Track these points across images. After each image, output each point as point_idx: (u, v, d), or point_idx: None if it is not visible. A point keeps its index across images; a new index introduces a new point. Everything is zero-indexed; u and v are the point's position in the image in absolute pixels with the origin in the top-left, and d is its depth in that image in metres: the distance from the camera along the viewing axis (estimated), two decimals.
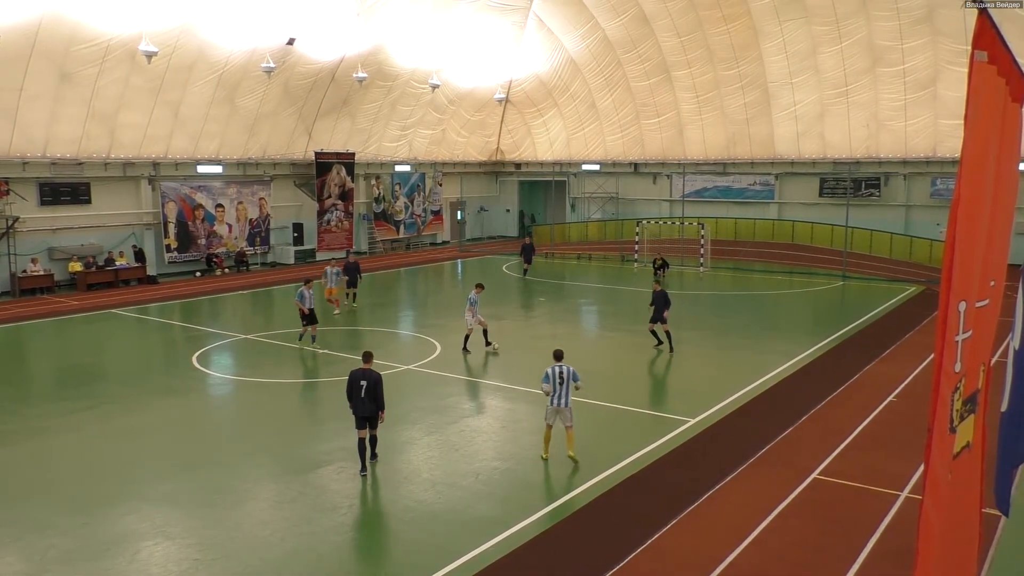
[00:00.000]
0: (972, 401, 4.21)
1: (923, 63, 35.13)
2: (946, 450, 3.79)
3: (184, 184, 34.85)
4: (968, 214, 3.62)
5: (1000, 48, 3.76)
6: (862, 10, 35.07)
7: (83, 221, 31.78)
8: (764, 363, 19.04)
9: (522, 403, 16.02)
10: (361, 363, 12.57)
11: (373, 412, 12.22)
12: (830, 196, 40.17)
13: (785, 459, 12.72)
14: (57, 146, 30.19)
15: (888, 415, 15.13)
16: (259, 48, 32.19)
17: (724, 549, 9.61)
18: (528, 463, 12.79)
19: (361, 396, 12.12)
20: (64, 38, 27.17)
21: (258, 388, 17.49)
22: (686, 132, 43.80)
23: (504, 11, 40.40)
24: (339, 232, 41.18)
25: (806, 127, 39.97)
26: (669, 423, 14.64)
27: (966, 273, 3.72)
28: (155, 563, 9.51)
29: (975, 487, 4.64)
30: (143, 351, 21.79)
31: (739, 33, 38.52)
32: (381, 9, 35.02)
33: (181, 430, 14.59)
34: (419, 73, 39.98)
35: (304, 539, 10.08)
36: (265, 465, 12.96)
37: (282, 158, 38.73)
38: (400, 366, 19.08)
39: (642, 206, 46.10)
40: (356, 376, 12.24)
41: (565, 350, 13.22)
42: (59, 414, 15.55)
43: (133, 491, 11.71)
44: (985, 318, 4.22)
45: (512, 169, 51.78)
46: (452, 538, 10.05)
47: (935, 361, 3.60)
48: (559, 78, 45.18)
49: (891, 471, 12.11)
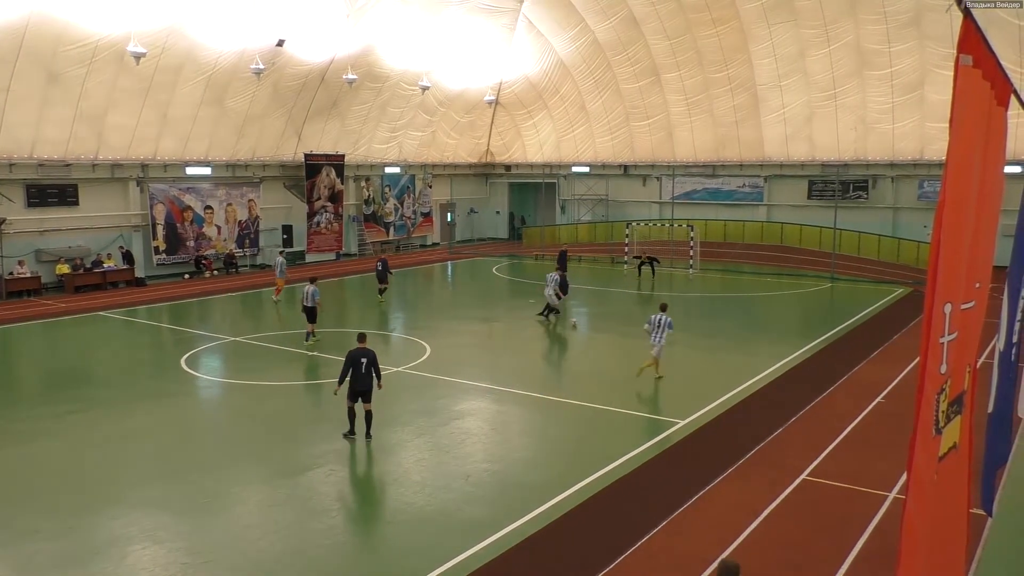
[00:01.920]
0: (958, 403, 4.23)
1: (910, 66, 35.37)
2: (932, 452, 3.81)
3: (173, 186, 34.70)
4: (953, 216, 3.64)
5: (985, 52, 3.79)
6: (850, 14, 35.28)
7: (71, 223, 31.59)
8: (753, 365, 19.12)
9: (512, 405, 16.02)
10: (357, 343, 13.89)
11: (371, 385, 13.70)
12: (818, 198, 40.39)
13: (774, 460, 12.77)
14: (44, 147, 30.00)
15: (876, 417, 15.21)
16: (248, 49, 32.10)
17: (714, 550, 9.64)
18: (518, 465, 12.80)
19: (362, 372, 13.61)
20: (52, 39, 27.01)
21: (247, 391, 17.42)
22: (676, 134, 43.94)
23: (494, 13, 40.44)
24: (329, 234, 41.09)
25: (795, 130, 40.17)
26: (659, 424, 14.67)
27: (951, 275, 3.75)
28: (143, 568, 9.45)
29: (962, 488, 4.67)
30: (131, 354, 21.67)
31: (728, 36, 38.68)
32: (371, 11, 34.98)
33: (169, 433, 14.51)
34: (409, 75, 39.95)
35: (293, 542, 10.04)
36: (254, 468, 12.91)
37: (271, 160, 38.62)
38: (390, 368, 19.05)
39: (632, 208, 46.21)
40: (356, 355, 13.67)
41: (555, 351, 13.25)
42: (46, 418, 15.44)
43: (121, 495, 11.64)
44: (971, 320, 4.25)
45: (502, 171, 51.80)
46: (442, 540, 10.04)
47: (920, 363, 3.63)
48: (549, 80, 45.25)
49: (879, 472, 12.17)
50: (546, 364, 20.01)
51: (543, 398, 16.48)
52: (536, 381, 17.75)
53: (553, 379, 18.19)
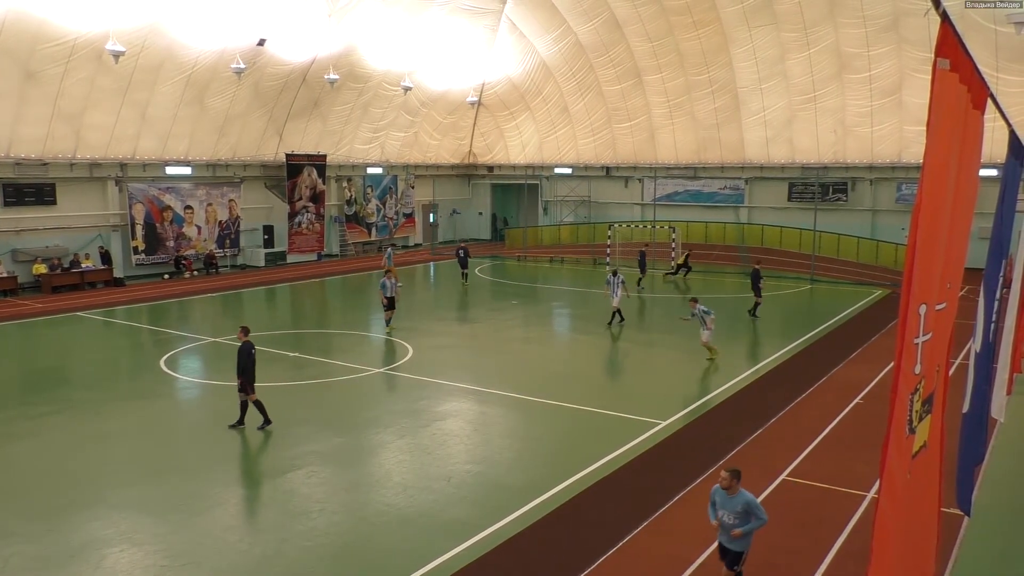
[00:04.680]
0: (929, 402, 4.29)
1: (889, 70, 35.76)
2: (905, 450, 3.86)
3: (152, 185, 34.40)
4: (929, 219, 3.69)
5: (962, 56, 3.84)
6: (829, 18, 35.61)
7: (48, 223, 31.23)
8: (733, 366, 19.25)
9: (494, 406, 16.01)
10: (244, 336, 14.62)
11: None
12: (799, 200, 40.74)
13: (754, 460, 12.84)
14: (21, 146, 29.64)
15: (855, 417, 15.36)
16: (229, 49, 31.88)
17: (694, 551, 9.69)
18: (500, 466, 12.80)
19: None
20: (29, 36, 26.69)
21: (227, 392, 17.25)
22: (657, 136, 44.14)
23: (476, 14, 40.42)
24: (310, 234, 40.90)
25: (775, 132, 40.48)
26: (640, 426, 14.72)
27: (926, 277, 3.80)
28: (121, 570, 9.36)
29: (933, 487, 4.73)
30: (109, 355, 21.46)
31: (709, 39, 38.92)
32: (353, 11, 34.86)
33: (148, 435, 14.38)
34: (391, 75, 39.85)
35: (274, 544, 9.99)
36: (234, 470, 12.83)
37: (252, 160, 38.38)
38: (372, 369, 18.99)
39: (614, 209, 46.36)
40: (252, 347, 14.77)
41: (537, 353, 13.27)
42: (22, 419, 15.25)
43: (99, 497, 11.52)
44: (943, 320, 4.31)
45: (485, 172, 51.80)
46: (424, 542, 10.02)
47: (895, 363, 3.67)
48: (531, 81, 45.30)
49: (857, 472, 12.29)
50: (528, 365, 20.02)
51: (525, 399, 16.49)
52: (518, 382, 17.76)
53: (535, 380, 18.20)
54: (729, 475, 8.16)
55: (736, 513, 8.12)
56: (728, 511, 8.18)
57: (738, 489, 8.14)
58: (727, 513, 8.18)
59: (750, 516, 8.09)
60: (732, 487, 8.13)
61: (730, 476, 8.15)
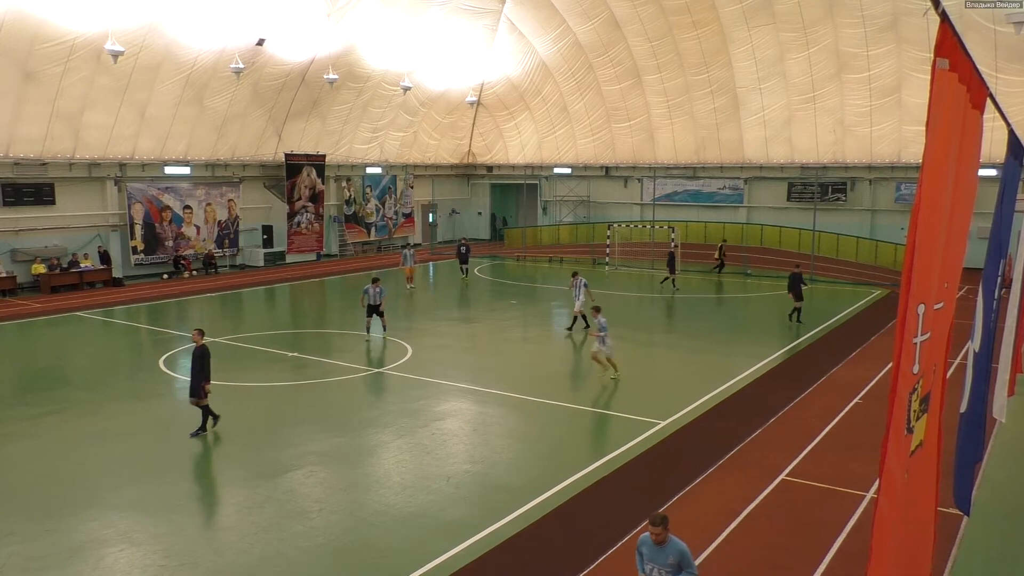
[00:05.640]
0: (927, 401, 4.29)
1: (888, 70, 35.76)
2: (903, 449, 3.86)
3: (151, 185, 34.39)
4: (928, 218, 3.68)
5: (961, 56, 3.84)
6: (829, 17, 35.61)
7: (47, 222, 31.22)
8: (733, 365, 19.23)
9: (494, 406, 16.01)
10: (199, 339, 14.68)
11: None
12: (798, 200, 40.74)
13: (754, 460, 12.85)
14: (20, 146, 29.63)
15: (854, 417, 15.36)
16: (228, 48, 31.87)
17: (695, 550, 9.62)
18: (499, 466, 12.80)
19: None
20: (28, 36, 26.68)
21: (226, 392, 17.25)
22: (656, 136, 44.13)
23: (476, 14, 40.41)
24: (309, 234, 40.89)
25: (774, 132, 40.48)
26: (639, 425, 14.71)
27: (925, 276, 3.79)
28: (120, 570, 9.36)
29: (930, 486, 4.73)
30: (108, 355, 21.44)
31: (708, 39, 38.91)
32: (352, 10, 34.85)
33: (147, 435, 14.37)
34: (390, 75, 39.84)
35: (273, 544, 9.98)
36: (233, 470, 12.82)
37: (251, 160, 38.37)
38: (372, 369, 18.99)
39: (613, 209, 46.35)
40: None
41: (536, 352, 13.24)
42: (21, 419, 15.24)
43: (97, 497, 11.51)
44: (942, 320, 4.31)
45: (484, 172, 51.79)
46: (423, 542, 10.01)
47: (893, 363, 3.67)
48: (531, 81, 45.30)
49: (857, 472, 12.29)
50: (528, 365, 20.01)
51: (525, 399, 16.48)
52: (518, 382, 17.74)
53: (535, 380, 18.20)
54: (660, 526, 7.12)
55: (667, 566, 7.18)
56: (659, 565, 7.21)
57: (668, 538, 7.18)
58: (657, 568, 7.22)
59: (681, 569, 7.16)
60: (662, 537, 7.15)
61: (661, 527, 7.12)
